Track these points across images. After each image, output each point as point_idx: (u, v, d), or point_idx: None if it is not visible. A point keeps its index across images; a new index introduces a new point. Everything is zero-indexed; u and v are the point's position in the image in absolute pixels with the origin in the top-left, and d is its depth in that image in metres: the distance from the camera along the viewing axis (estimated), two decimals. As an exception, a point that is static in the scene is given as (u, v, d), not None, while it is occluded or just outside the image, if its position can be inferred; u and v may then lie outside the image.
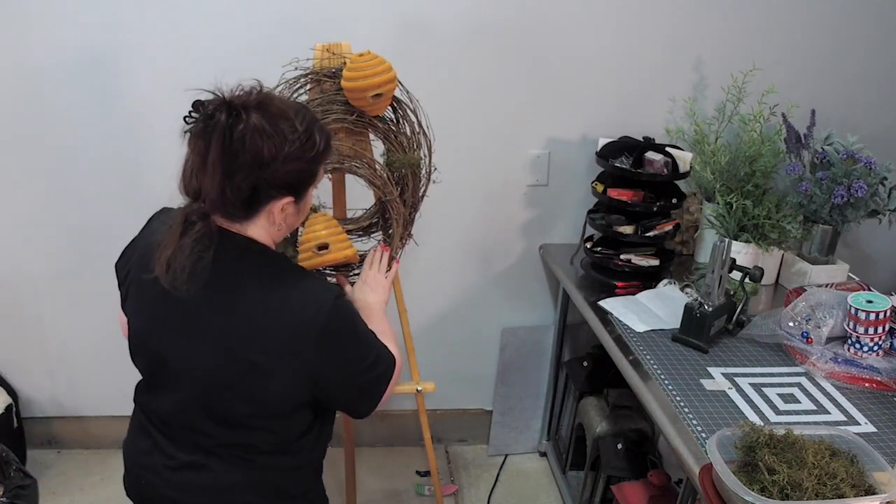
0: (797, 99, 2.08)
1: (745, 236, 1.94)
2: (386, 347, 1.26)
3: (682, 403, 1.42)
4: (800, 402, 1.45)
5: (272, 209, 1.10)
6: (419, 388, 1.84)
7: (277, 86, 1.61)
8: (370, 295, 1.44)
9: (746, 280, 1.71)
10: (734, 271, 1.66)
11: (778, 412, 1.41)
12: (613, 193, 1.97)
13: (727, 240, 1.58)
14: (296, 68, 1.62)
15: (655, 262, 1.99)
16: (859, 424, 1.38)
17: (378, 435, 2.56)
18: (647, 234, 1.97)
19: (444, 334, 2.42)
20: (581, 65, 2.10)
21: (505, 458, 2.54)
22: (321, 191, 1.74)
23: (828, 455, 1.12)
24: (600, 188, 2.02)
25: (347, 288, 1.52)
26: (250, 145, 1.02)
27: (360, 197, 1.81)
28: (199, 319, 1.10)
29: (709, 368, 1.56)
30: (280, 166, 1.06)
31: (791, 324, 1.63)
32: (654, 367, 1.56)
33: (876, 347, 1.54)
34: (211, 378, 1.11)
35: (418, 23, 2.00)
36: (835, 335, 1.60)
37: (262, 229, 1.13)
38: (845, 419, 1.40)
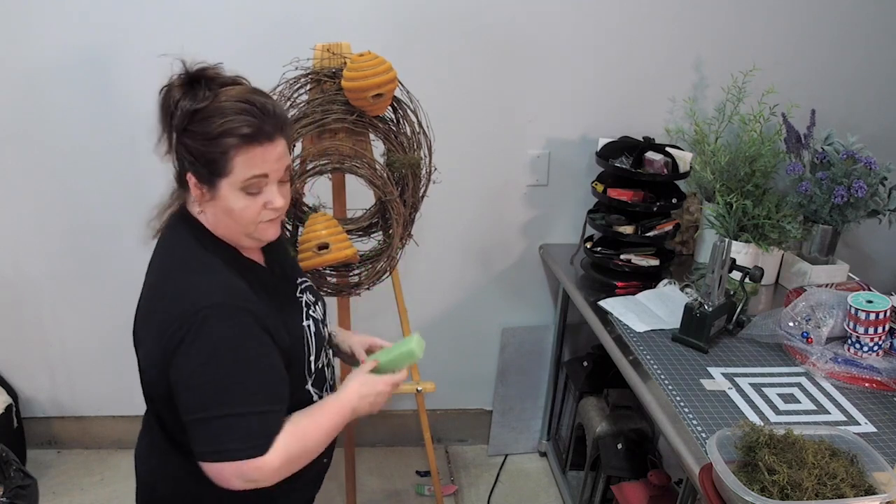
0: (797, 99, 2.08)
1: (745, 236, 1.94)
2: (264, 427, 1.02)
3: (682, 403, 1.42)
4: (800, 402, 1.45)
5: (190, 181, 1.09)
6: (419, 388, 1.84)
7: (278, 86, 1.61)
8: (357, 387, 1.20)
9: (746, 280, 1.71)
10: (734, 271, 1.66)
11: (778, 412, 1.41)
12: (613, 193, 1.97)
13: (727, 240, 1.58)
14: (296, 68, 1.63)
15: (655, 262, 1.99)
16: (859, 424, 1.38)
17: (378, 435, 2.56)
18: (647, 234, 1.97)
19: (444, 334, 2.42)
20: (581, 65, 2.10)
21: (505, 458, 2.54)
22: (321, 191, 1.75)
23: (828, 455, 1.12)
24: (600, 188, 2.02)
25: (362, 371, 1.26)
26: (164, 96, 1.08)
27: (360, 197, 1.81)
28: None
29: (709, 368, 1.56)
30: (180, 119, 1.07)
31: (791, 324, 1.63)
32: (654, 367, 1.56)
33: (876, 347, 1.54)
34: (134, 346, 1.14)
35: (418, 23, 2.00)
36: (835, 335, 1.60)
37: (198, 207, 1.12)
38: (845, 419, 1.40)
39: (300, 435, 1.08)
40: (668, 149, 1.94)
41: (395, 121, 1.69)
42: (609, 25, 2.06)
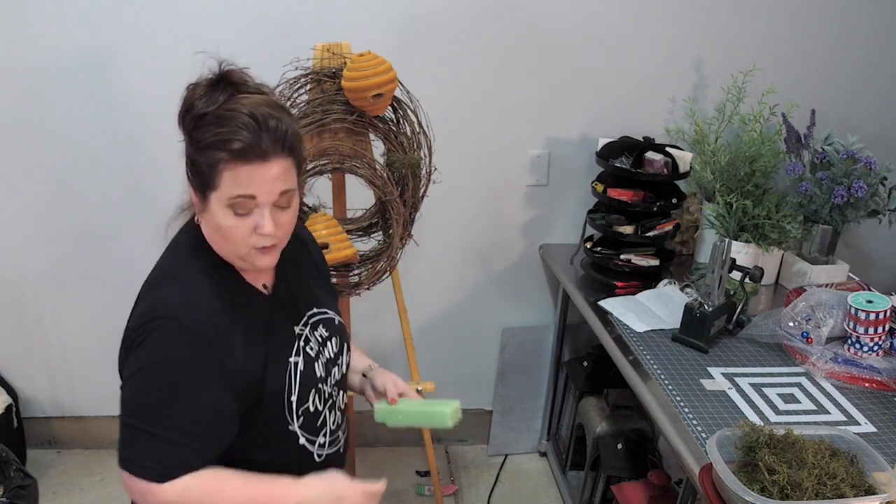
0: (797, 99, 2.08)
1: (745, 236, 1.94)
2: (171, 457, 0.97)
3: (682, 403, 1.42)
4: (800, 402, 1.45)
5: (189, 187, 1.02)
6: (419, 388, 1.84)
7: (278, 86, 1.61)
8: (317, 482, 1.09)
9: (746, 280, 1.71)
10: (734, 271, 1.66)
11: (778, 412, 1.41)
12: (613, 193, 1.97)
13: (727, 240, 1.58)
14: (296, 68, 1.63)
15: (655, 262, 1.99)
16: (859, 424, 1.38)
17: (378, 435, 2.56)
18: (647, 234, 1.97)
19: (444, 334, 2.42)
20: (581, 65, 2.10)
21: (505, 458, 2.54)
22: (321, 191, 1.75)
23: (828, 455, 1.12)
24: (600, 188, 2.02)
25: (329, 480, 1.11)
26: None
27: (361, 197, 1.81)
28: None
29: (709, 368, 1.56)
30: (189, 121, 0.98)
31: (791, 324, 1.63)
32: (654, 367, 1.56)
33: (876, 347, 1.54)
34: None
35: (418, 23, 2.00)
36: (835, 335, 1.60)
37: (198, 216, 1.05)
38: (845, 419, 1.40)
39: (216, 489, 1.01)
40: (668, 149, 1.94)
41: (395, 121, 1.69)
42: (609, 25, 2.06)
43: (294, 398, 1.09)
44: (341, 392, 1.23)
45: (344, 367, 1.23)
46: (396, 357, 2.28)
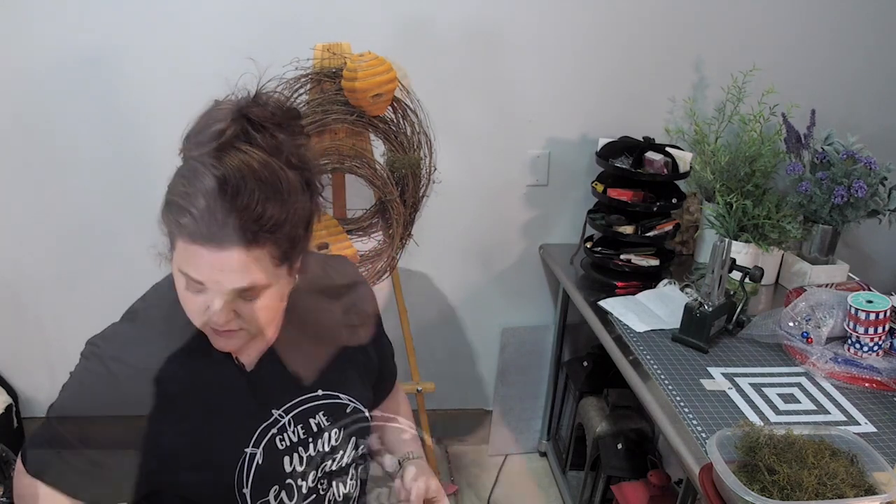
0: (797, 99, 2.08)
1: (745, 236, 1.94)
2: (47, 463, 0.92)
3: (682, 403, 1.42)
4: (800, 402, 1.45)
5: None
6: (419, 388, 1.85)
7: (278, 86, 1.61)
8: None
9: (746, 280, 1.71)
10: (734, 271, 1.66)
11: (778, 412, 1.41)
12: (613, 193, 1.97)
13: (727, 240, 1.58)
14: (296, 68, 1.63)
15: (655, 262, 1.99)
16: (859, 424, 1.38)
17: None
18: (647, 234, 1.97)
19: (444, 334, 2.42)
20: (581, 65, 2.10)
21: (505, 458, 2.54)
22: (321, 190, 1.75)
23: (828, 455, 1.12)
24: (600, 188, 2.02)
25: None
26: None
27: (360, 197, 1.81)
28: None
29: (709, 368, 1.56)
30: (182, 151, 0.84)
31: (791, 324, 1.63)
32: (654, 367, 1.56)
33: (876, 347, 1.54)
34: None
35: (418, 23, 2.00)
36: (835, 335, 1.60)
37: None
38: (845, 419, 1.40)
39: None
40: (668, 149, 1.94)
41: (395, 121, 1.69)
42: (609, 25, 2.06)
43: (247, 491, 0.93)
44: (335, 483, 1.04)
45: (345, 459, 1.04)
46: (397, 357, 2.27)
